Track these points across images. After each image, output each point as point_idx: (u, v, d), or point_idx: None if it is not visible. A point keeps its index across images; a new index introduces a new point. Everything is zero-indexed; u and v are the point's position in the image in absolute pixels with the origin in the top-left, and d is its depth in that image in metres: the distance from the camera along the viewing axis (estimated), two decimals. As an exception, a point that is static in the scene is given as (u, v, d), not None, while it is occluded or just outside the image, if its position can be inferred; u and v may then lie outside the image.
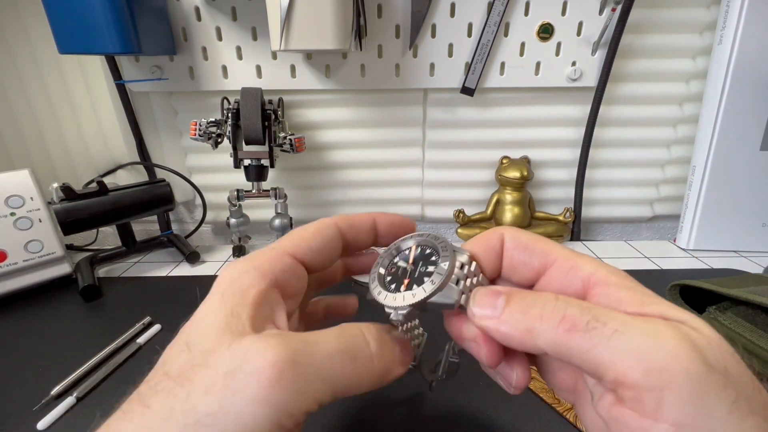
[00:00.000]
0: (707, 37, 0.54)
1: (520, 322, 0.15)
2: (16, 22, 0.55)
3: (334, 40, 0.44)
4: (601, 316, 0.14)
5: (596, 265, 0.17)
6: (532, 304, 0.15)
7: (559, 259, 0.17)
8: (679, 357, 0.12)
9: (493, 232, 0.20)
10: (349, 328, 0.18)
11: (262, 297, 0.17)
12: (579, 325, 0.14)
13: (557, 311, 0.15)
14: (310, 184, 0.63)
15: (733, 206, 0.56)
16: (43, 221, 0.48)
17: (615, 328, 0.13)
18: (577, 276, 0.17)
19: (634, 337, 0.13)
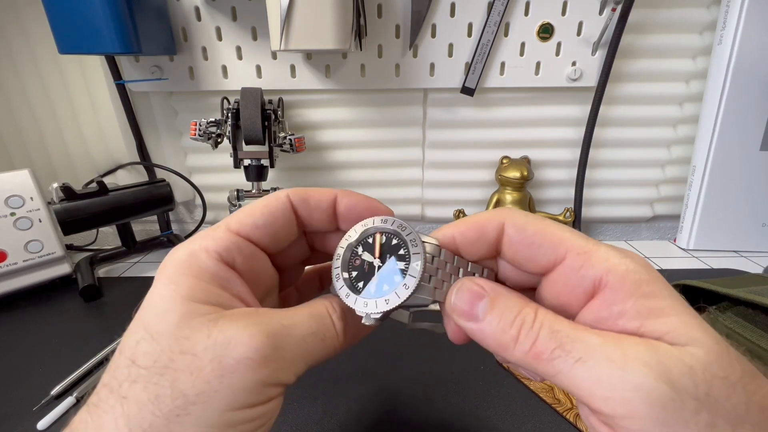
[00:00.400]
0: (707, 37, 0.54)
1: (497, 337, 0.15)
2: (16, 22, 0.55)
3: (334, 40, 0.44)
4: (567, 344, 0.14)
5: (612, 262, 0.15)
6: (511, 323, 0.15)
7: (569, 254, 0.16)
8: (642, 387, 0.12)
9: (491, 218, 0.17)
10: (318, 308, 0.18)
11: (215, 274, 0.17)
12: (544, 354, 0.14)
13: (530, 337, 0.15)
14: (310, 184, 0.63)
15: (733, 206, 0.56)
16: (43, 221, 0.48)
17: (578, 356, 0.14)
18: (588, 275, 0.15)
19: (597, 365, 0.13)
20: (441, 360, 0.36)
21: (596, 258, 0.15)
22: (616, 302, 0.15)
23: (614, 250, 0.15)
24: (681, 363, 0.13)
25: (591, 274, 0.15)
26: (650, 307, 0.14)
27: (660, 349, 0.13)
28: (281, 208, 0.19)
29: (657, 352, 0.13)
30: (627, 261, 0.15)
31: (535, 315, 0.15)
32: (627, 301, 0.14)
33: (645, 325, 0.14)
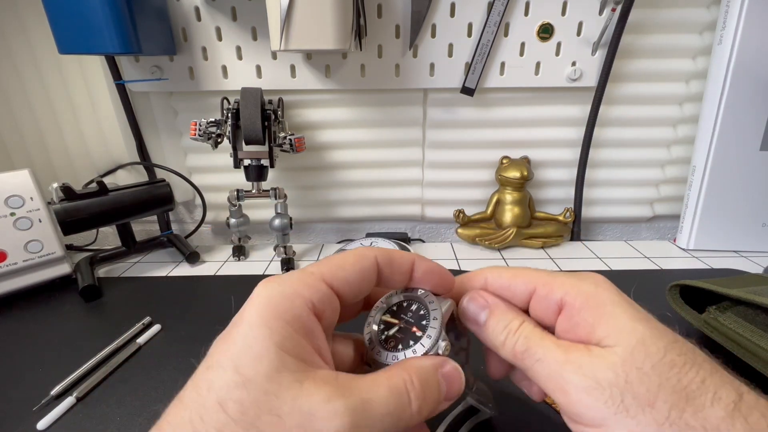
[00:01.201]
0: (707, 38, 0.54)
1: (492, 339, 0.21)
2: (16, 22, 0.55)
3: (334, 40, 0.44)
4: (532, 348, 0.20)
5: (567, 286, 0.20)
6: (501, 330, 0.21)
7: (537, 286, 0.21)
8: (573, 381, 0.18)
9: (477, 276, 0.23)
10: (397, 382, 0.18)
11: (305, 325, 0.17)
12: (518, 355, 0.20)
13: (511, 342, 0.20)
14: (310, 184, 0.63)
15: (733, 206, 0.56)
16: (43, 221, 0.48)
17: (538, 358, 0.19)
18: (552, 300, 0.21)
19: (549, 365, 0.19)
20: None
21: (556, 285, 0.21)
22: (572, 316, 0.20)
23: (571, 277, 0.21)
24: (605, 361, 0.17)
25: (554, 298, 0.20)
26: (595, 316, 0.19)
27: (593, 352, 0.18)
28: (370, 269, 0.20)
29: (590, 356, 0.18)
30: (580, 283, 0.20)
31: (518, 325, 0.21)
32: (579, 314, 0.19)
33: (591, 333, 0.19)
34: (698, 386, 0.16)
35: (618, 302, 0.19)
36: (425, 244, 0.65)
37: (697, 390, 0.16)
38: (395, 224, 0.68)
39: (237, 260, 0.58)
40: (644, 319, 0.19)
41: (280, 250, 0.56)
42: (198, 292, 0.49)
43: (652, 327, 0.18)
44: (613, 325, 0.18)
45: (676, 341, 0.18)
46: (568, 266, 0.54)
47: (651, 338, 0.18)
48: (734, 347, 0.32)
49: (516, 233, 0.58)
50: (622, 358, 0.17)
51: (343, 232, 0.69)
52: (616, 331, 0.18)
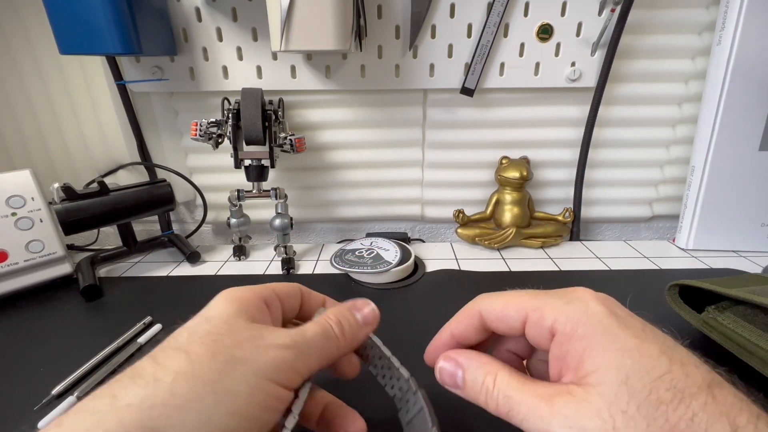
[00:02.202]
0: (706, 38, 0.55)
1: (474, 399, 0.21)
2: (17, 22, 0.55)
3: (334, 41, 0.44)
4: (515, 406, 0.19)
5: (556, 313, 0.20)
6: (479, 391, 0.21)
7: (528, 313, 0.21)
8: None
9: (470, 309, 0.24)
10: (320, 321, 0.24)
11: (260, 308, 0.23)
12: (503, 414, 0.20)
13: (492, 401, 0.20)
14: (311, 185, 0.64)
15: (733, 206, 0.56)
16: (44, 221, 0.49)
17: (521, 417, 0.19)
18: (544, 327, 0.20)
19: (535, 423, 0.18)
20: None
21: (546, 310, 0.20)
22: (562, 344, 0.20)
23: (560, 301, 0.20)
24: (591, 407, 0.17)
25: (546, 325, 0.20)
26: (583, 346, 0.19)
27: (578, 398, 0.17)
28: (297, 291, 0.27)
29: (575, 403, 0.17)
30: (568, 308, 0.20)
31: (493, 383, 0.20)
32: (569, 342, 0.19)
33: (580, 364, 0.18)
34: (687, 425, 0.16)
35: (607, 328, 0.19)
36: (425, 244, 0.65)
37: (686, 429, 0.15)
38: (395, 224, 0.68)
39: (238, 260, 0.58)
40: (635, 348, 0.18)
41: (281, 250, 0.56)
42: (199, 292, 0.49)
43: (641, 357, 0.17)
44: (600, 359, 0.18)
45: (668, 372, 0.17)
46: (568, 266, 0.54)
47: (637, 374, 0.17)
48: (733, 347, 0.33)
49: (515, 233, 0.58)
50: (608, 402, 0.17)
51: (343, 232, 0.69)
52: (603, 367, 0.18)
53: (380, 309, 0.27)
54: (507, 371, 0.21)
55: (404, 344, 0.28)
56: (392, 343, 0.28)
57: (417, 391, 0.24)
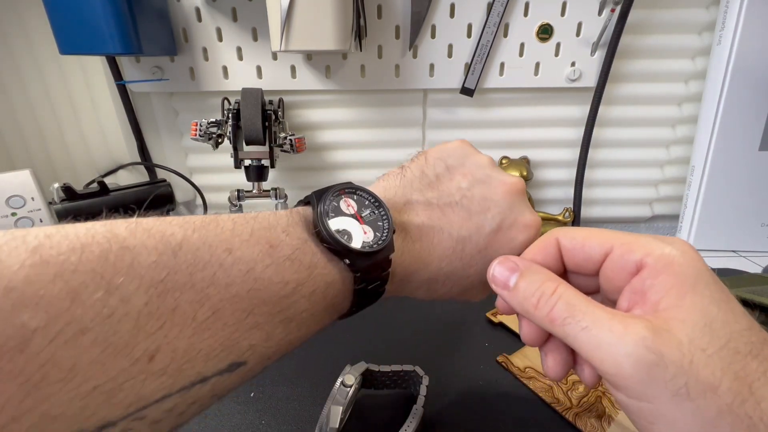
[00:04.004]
0: (706, 38, 0.55)
1: (522, 302, 0.20)
2: (17, 22, 0.55)
3: (334, 41, 0.44)
4: (577, 314, 0.18)
5: (650, 247, 0.19)
6: (533, 293, 0.19)
7: (615, 245, 0.20)
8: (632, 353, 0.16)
9: (548, 238, 0.22)
10: None
11: None
12: (557, 321, 0.18)
13: (548, 305, 0.19)
14: (311, 185, 0.64)
15: (733, 206, 0.56)
16: (44, 221, 0.49)
17: (585, 325, 0.17)
18: (630, 260, 0.19)
19: (599, 333, 0.17)
20: (440, 360, 0.36)
21: (637, 245, 0.19)
22: (649, 277, 0.18)
23: (655, 239, 0.19)
24: (672, 338, 0.16)
25: (633, 258, 0.19)
26: (673, 283, 0.18)
27: (656, 327, 0.17)
28: None
29: (653, 330, 0.16)
30: (664, 246, 0.19)
31: (555, 289, 0.19)
32: (657, 277, 0.18)
33: (663, 298, 0.17)
34: (760, 377, 0.16)
35: (701, 275, 0.18)
36: (425, 244, 0.65)
37: (758, 381, 0.16)
38: (395, 224, 0.68)
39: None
40: (722, 300, 0.17)
41: (281, 250, 0.56)
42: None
43: (726, 310, 0.17)
44: (689, 299, 0.17)
45: (748, 329, 0.17)
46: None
47: (721, 322, 0.17)
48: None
49: (516, 233, 0.58)
50: (689, 338, 0.16)
51: (343, 232, 0.69)
52: (690, 306, 0.17)
53: (379, 308, 0.27)
54: (571, 287, 0.19)
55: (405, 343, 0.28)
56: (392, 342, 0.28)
57: None
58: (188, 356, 0.14)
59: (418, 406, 0.28)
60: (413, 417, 0.28)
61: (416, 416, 0.28)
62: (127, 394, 0.12)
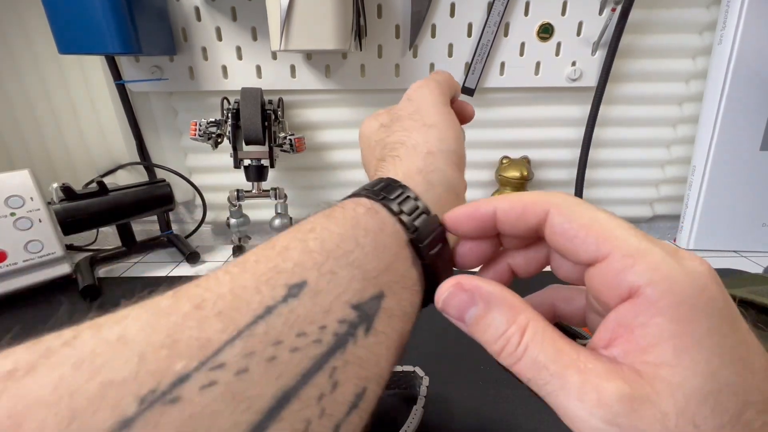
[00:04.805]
0: (707, 37, 0.54)
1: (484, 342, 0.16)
2: (16, 22, 0.55)
3: (334, 41, 0.44)
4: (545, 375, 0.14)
5: (657, 274, 0.14)
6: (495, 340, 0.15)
7: (613, 254, 0.14)
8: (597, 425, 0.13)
9: (537, 201, 0.17)
10: None
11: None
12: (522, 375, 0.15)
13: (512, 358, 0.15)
14: (310, 184, 0.63)
15: (733, 206, 0.56)
16: (43, 221, 0.48)
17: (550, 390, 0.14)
18: (626, 281, 0.14)
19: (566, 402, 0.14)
20: (440, 359, 0.36)
21: (642, 265, 0.14)
22: (642, 314, 0.14)
23: (669, 258, 0.14)
24: (654, 410, 0.13)
25: (629, 281, 0.14)
26: (671, 333, 0.13)
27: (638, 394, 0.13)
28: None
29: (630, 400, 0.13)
30: (676, 274, 0.13)
31: (520, 338, 0.15)
32: (654, 317, 0.13)
33: (653, 351, 0.13)
34: None
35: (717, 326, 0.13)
36: (425, 244, 0.65)
37: None
38: (395, 224, 0.68)
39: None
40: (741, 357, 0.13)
41: (280, 250, 0.56)
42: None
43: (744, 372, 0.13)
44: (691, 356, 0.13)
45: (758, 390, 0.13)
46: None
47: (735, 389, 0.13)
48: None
49: (516, 233, 0.58)
50: (680, 410, 0.12)
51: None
52: (689, 366, 0.13)
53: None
54: (541, 323, 0.15)
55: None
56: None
57: None
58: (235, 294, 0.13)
59: (418, 406, 0.28)
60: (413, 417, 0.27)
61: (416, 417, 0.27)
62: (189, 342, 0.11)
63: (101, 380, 0.10)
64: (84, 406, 0.10)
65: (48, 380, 0.10)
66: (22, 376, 0.10)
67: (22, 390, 0.10)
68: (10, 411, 0.10)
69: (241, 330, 0.12)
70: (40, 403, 0.10)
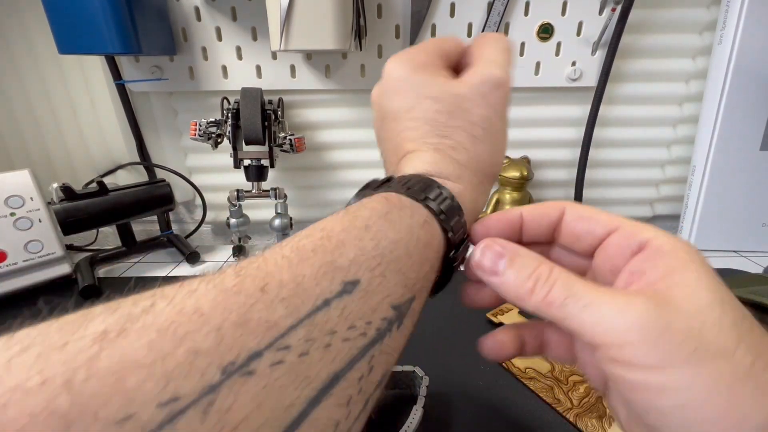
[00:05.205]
0: (707, 37, 0.54)
1: (516, 288, 0.18)
2: (16, 22, 0.55)
3: (333, 40, 0.44)
4: (577, 293, 0.17)
5: (658, 232, 0.18)
6: (528, 277, 0.18)
7: (623, 225, 0.19)
8: (638, 321, 0.15)
9: (555, 204, 0.21)
10: None
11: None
12: (556, 303, 0.17)
13: (544, 289, 0.17)
14: (310, 184, 0.63)
15: (733, 206, 0.56)
16: (43, 221, 0.48)
17: (586, 303, 0.16)
18: (635, 239, 0.18)
19: (602, 307, 0.16)
20: (441, 360, 0.36)
21: (644, 229, 0.18)
22: (651, 258, 0.17)
23: (662, 231, 0.18)
24: (678, 308, 0.15)
25: (638, 238, 0.18)
26: (678, 264, 0.16)
27: (661, 300, 0.15)
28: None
29: (657, 303, 0.15)
30: (671, 237, 0.18)
31: (550, 271, 0.18)
32: (662, 258, 0.17)
33: (664, 279, 0.16)
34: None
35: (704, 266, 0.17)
36: (425, 244, 0.65)
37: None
38: (395, 224, 0.68)
39: (237, 260, 0.58)
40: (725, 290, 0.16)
41: (280, 250, 0.56)
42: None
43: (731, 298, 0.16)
44: (694, 277, 0.16)
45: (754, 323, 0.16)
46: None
47: (731, 304, 0.16)
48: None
49: (516, 233, 0.58)
50: (697, 309, 0.15)
51: (343, 232, 0.69)
52: (695, 284, 0.16)
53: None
54: (564, 268, 0.18)
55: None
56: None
57: None
58: (295, 282, 0.14)
59: (418, 406, 0.28)
60: (413, 417, 0.27)
61: (416, 417, 0.27)
62: (258, 322, 0.13)
63: (187, 348, 0.11)
64: (175, 370, 0.11)
65: (139, 344, 0.11)
66: (115, 338, 0.11)
67: (119, 350, 0.11)
68: (112, 368, 0.10)
69: (302, 318, 0.14)
70: (137, 364, 0.11)
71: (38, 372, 0.10)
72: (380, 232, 0.17)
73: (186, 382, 0.11)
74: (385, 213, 0.18)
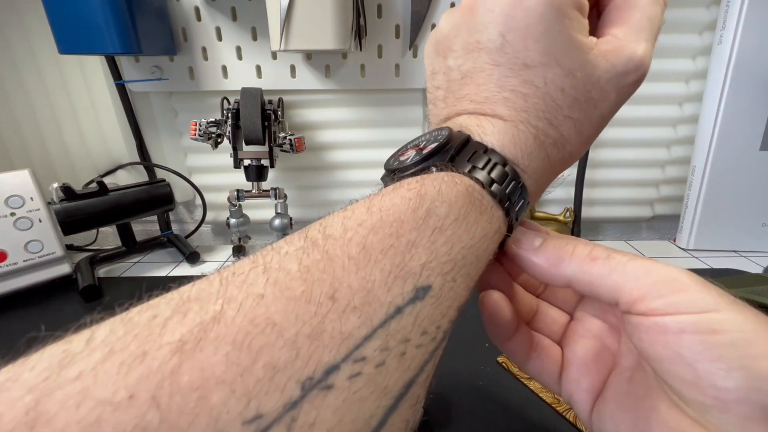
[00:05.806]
0: (707, 37, 0.54)
1: (556, 252, 0.18)
2: (16, 22, 0.55)
3: (333, 40, 0.44)
4: (618, 253, 0.17)
5: None
6: (566, 243, 0.18)
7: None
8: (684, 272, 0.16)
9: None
10: None
11: None
12: (601, 257, 0.17)
13: (587, 248, 0.18)
14: (310, 184, 0.63)
15: (733, 206, 0.56)
16: (43, 221, 0.48)
17: (629, 259, 0.17)
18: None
19: (645, 263, 0.17)
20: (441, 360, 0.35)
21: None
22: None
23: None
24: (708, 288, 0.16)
25: None
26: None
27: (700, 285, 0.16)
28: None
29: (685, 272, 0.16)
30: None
31: (586, 242, 0.18)
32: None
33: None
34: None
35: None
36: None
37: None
38: (395, 224, 0.68)
39: (237, 260, 0.58)
40: None
41: (280, 250, 0.56)
42: (198, 292, 0.49)
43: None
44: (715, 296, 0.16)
45: None
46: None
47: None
48: None
49: (516, 233, 0.58)
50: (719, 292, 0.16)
51: (343, 232, 0.69)
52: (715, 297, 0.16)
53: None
54: None
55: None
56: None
57: None
58: (365, 289, 0.14)
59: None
60: None
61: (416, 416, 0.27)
62: (332, 334, 0.12)
63: (264, 363, 0.11)
64: (256, 386, 0.11)
65: (217, 358, 0.11)
66: (192, 350, 0.11)
67: (198, 364, 0.11)
68: (193, 384, 0.10)
69: (375, 327, 0.13)
70: (217, 379, 0.10)
71: (124, 385, 0.10)
72: (455, 236, 0.16)
73: (267, 399, 0.11)
74: (464, 215, 0.16)
